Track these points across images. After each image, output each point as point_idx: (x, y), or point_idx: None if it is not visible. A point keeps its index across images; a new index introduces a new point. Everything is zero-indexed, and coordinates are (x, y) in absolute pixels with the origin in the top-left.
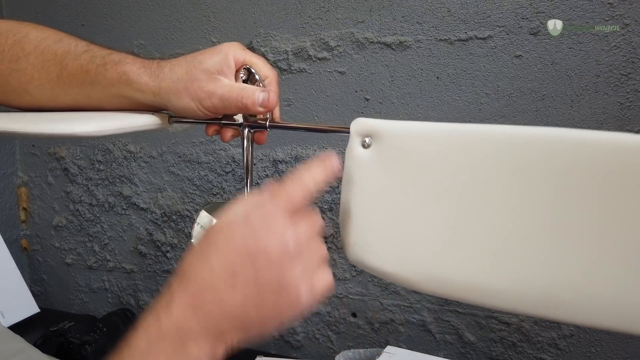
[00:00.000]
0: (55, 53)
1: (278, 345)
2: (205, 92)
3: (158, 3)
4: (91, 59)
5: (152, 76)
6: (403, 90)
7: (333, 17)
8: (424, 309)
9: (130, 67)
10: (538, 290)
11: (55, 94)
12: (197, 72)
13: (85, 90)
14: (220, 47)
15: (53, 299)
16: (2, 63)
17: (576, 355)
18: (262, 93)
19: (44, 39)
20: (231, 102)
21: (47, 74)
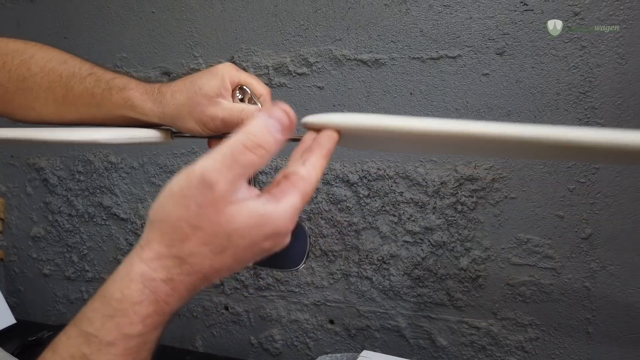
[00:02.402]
0: (60, 75)
1: (257, 353)
2: (208, 116)
3: (141, 17)
4: (96, 82)
5: (155, 102)
6: (378, 105)
7: (312, 35)
8: (398, 315)
9: (134, 93)
10: None
11: (60, 112)
12: (198, 97)
13: (91, 111)
14: (215, 69)
15: (30, 310)
16: (9, 82)
17: (542, 357)
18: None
19: (49, 60)
20: (233, 123)
21: (53, 94)
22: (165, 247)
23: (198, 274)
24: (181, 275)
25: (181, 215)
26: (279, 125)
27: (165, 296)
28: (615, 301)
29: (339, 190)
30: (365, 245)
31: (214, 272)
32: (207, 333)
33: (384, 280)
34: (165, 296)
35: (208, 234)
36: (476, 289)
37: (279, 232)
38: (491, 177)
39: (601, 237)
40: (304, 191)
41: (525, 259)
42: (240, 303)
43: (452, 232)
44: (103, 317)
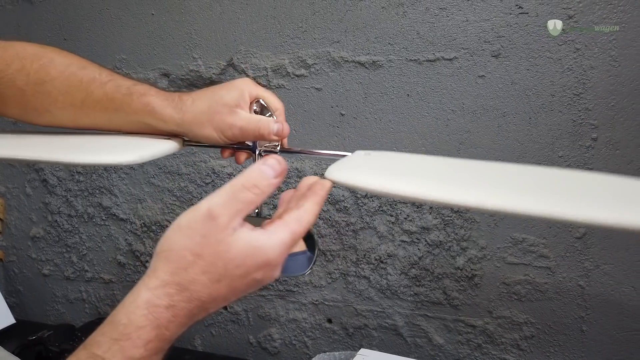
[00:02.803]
0: (80, 80)
1: (255, 352)
2: (227, 124)
3: (141, 19)
4: (116, 88)
5: (175, 109)
6: (376, 107)
7: (310, 37)
8: (395, 314)
9: (154, 99)
10: None
11: (76, 116)
12: (218, 106)
13: (107, 116)
14: (235, 83)
15: (29, 310)
16: (26, 85)
17: (537, 355)
18: (277, 124)
19: (69, 65)
20: (250, 132)
21: (72, 98)
22: (169, 274)
23: (197, 302)
24: (182, 302)
25: (186, 245)
26: (272, 171)
27: (166, 322)
28: (608, 300)
29: (337, 191)
30: (363, 245)
31: (211, 301)
32: (206, 332)
33: (382, 279)
34: (166, 322)
35: (208, 262)
36: (472, 287)
37: (270, 263)
38: None
39: (595, 237)
40: (295, 231)
41: (521, 258)
42: (239, 302)
43: (448, 231)
44: (110, 341)
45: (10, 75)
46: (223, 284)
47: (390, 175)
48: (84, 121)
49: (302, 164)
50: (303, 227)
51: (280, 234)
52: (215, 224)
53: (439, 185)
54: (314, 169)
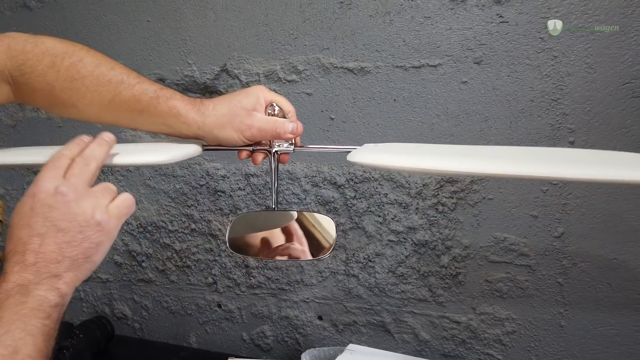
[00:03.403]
0: (110, 80)
1: (249, 349)
2: (246, 125)
3: (137, 26)
4: (144, 90)
5: (198, 113)
6: (364, 111)
7: (301, 44)
8: (383, 311)
9: (179, 102)
10: None
11: (101, 113)
12: (237, 109)
13: (131, 116)
14: (251, 89)
15: None
16: (56, 81)
17: (518, 349)
18: (291, 124)
19: (98, 65)
20: (267, 131)
21: (100, 96)
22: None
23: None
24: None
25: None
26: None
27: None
28: (586, 296)
29: (327, 192)
30: (352, 245)
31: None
32: (201, 330)
33: (370, 277)
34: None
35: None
36: (456, 285)
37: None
38: (470, 179)
39: (573, 236)
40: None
41: (502, 257)
42: (232, 301)
43: (433, 231)
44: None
45: (40, 71)
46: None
47: (407, 155)
48: (107, 119)
49: (294, 167)
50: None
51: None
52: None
53: (451, 159)
54: (304, 171)
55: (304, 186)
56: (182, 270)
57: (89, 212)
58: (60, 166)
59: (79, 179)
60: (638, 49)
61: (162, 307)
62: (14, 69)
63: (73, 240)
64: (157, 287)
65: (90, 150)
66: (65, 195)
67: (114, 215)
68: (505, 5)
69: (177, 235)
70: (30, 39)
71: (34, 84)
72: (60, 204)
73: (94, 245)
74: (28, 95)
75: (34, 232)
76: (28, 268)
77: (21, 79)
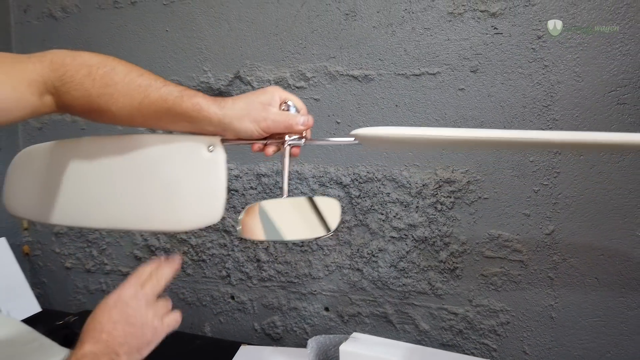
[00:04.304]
0: (139, 85)
1: (260, 338)
2: (262, 117)
3: (155, 35)
4: (170, 92)
5: (219, 107)
6: (368, 116)
7: (309, 52)
8: (386, 303)
9: (201, 99)
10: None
11: (133, 115)
12: (254, 104)
13: (159, 115)
14: (267, 88)
15: (52, 300)
16: (92, 87)
17: (511, 339)
18: (303, 117)
19: (129, 72)
20: (281, 123)
21: (131, 99)
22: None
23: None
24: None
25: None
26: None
27: None
28: (575, 289)
29: (333, 191)
30: (357, 241)
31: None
32: (215, 320)
33: (373, 271)
34: None
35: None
36: (454, 279)
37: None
38: (467, 180)
39: (562, 233)
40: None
41: (497, 253)
42: (245, 293)
43: (432, 228)
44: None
45: (78, 80)
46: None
47: (409, 128)
48: (138, 120)
49: (302, 167)
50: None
51: None
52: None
53: (451, 130)
54: (312, 171)
55: (311, 186)
56: (198, 264)
57: (151, 317)
58: (142, 277)
59: (152, 291)
60: (623, 59)
61: (179, 299)
62: (56, 80)
63: (135, 333)
64: (175, 279)
65: (163, 271)
66: (139, 300)
67: (166, 326)
68: (499, 18)
69: (193, 231)
70: (69, 53)
71: (74, 92)
72: (134, 305)
73: (146, 342)
74: (69, 102)
75: (111, 320)
76: (100, 342)
77: (62, 88)
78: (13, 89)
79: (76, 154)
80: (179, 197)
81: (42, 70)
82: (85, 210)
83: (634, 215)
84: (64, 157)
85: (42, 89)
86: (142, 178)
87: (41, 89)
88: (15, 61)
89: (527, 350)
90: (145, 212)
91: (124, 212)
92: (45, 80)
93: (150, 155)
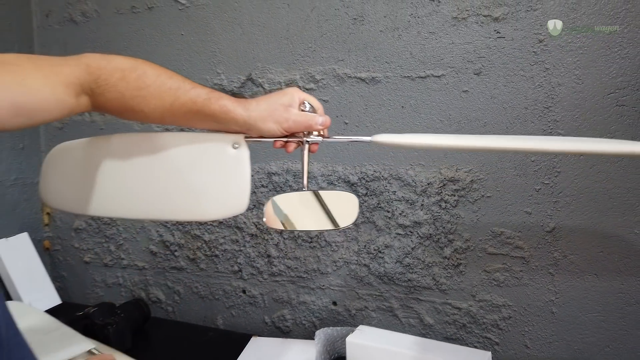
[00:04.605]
0: (170, 87)
1: (270, 331)
2: (284, 118)
3: (171, 39)
4: (198, 94)
5: (244, 109)
6: (375, 117)
7: (318, 56)
8: (392, 298)
9: (228, 101)
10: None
11: (164, 115)
12: (276, 105)
13: (188, 116)
14: (287, 90)
15: (71, 293)
16: (126, 90)
17: (513, 333)
18: (321, 117)
19: (159, 75)
20: (302, 123)
21: (162, 101)
22: None
23: None
24: None
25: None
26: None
27: None
28: (575, 285)
29: (340, 190)
30: (364, 237)
31: None
32: (227, 313)
33: (380, 267)
34: None
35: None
36: (458, 274)
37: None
38: (470, 179)
39: (563, 231)
40: None
41: (499, 249)
42: (256, 287)
43: (437, 225)
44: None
45: (112, 83)
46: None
47: (422, 136)
48: (169, 120)
49: (311, 167)
50: None
51: None
52: None
53: (459, 138)
54: (321, 170)
55: (320, 184)
56: (211, 259)
57: None
58: None
59: None
60: (622, 62)
61: (192, 292)
62: (92, 82)
63: None
64: (188, 274)
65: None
66: None
67: None
68: (502, 22)
69: (207, 228)
70: (104, 57)
71: (108, 94)
72: None
73: None
74: (103, 103)
75: None
76: None
77: (98, 90)
78: (52, 91)
79: (109, 150)
80: (206, 189)
81: (79, 73)
82: (118, 201)
83: (633, 213)
84: (97, 153)
85: (78, 91)
86: (172, 172)
87: (77, 91)
88: (53, 64)
89: (528, 344)
90: (174, 203)
91: (154, 203)
92: (81, 83)
93: (180, 152)
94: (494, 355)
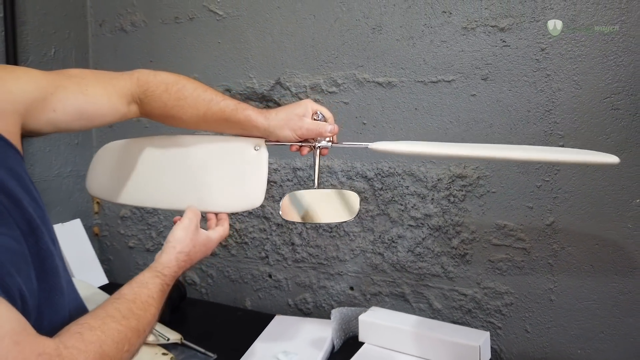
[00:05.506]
0: (204, 99)
1: (293, 312)
2: (298, 126)
3: (209, 46)
4: (227, 105)
5: (265, 118)
6: (390, 118)
7: (340, 62)
8: (403, 284)
9: (252, 112)
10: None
11: (198, 122)
12: (292, 115)
13: (218, 123)
14: (302, 102)
15: (117, 274)
16: (169, 100)
17: (515, 319)
18: (330, 126)
19: (195, 89)
20: (313, 131)
21: (197, 111)
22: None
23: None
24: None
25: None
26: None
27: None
28: (572, 275)
29: (358, 184)
30: (379, 228)
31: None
32: (255, 296)
33: (393, 255)
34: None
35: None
36: (464, 263)
37: (210, 245)
38: (477, 175)
39: (562, 224)
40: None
41: (503, 241)
42: (280, 272)
43: (446, 218)
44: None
45: (158, 94)
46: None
47: (420, 144)
48: (202, 126)
49: (332, 162)
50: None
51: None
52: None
53: (458, 147)
54: (341, 166)
55: (340, 179)
56: (241, 246)
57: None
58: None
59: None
60: (617, 69)
61: (224, 276)
62: (141, 93)
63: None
64: (221, 259)
65: None
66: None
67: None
68: (507, 32)
69: (237, 217)
70: (151, 73)
71: (153, 103)
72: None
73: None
74: (150, 111)
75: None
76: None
77: (145, 100)
78: (109, 100)
79: (148, 149)
80: (230, 185)
81: (131, 85)
82: (154, 193)
83: (626, 209)
84: (139, 151)
85: (129, 100)
86: (200, 169)
87: (129, 100)
88: (110, 78)
89: (528, 329)
90: (201, 196)
91: (185, 195)
92: (132, 93)
93: (209, 152)
94: (497, 339)
